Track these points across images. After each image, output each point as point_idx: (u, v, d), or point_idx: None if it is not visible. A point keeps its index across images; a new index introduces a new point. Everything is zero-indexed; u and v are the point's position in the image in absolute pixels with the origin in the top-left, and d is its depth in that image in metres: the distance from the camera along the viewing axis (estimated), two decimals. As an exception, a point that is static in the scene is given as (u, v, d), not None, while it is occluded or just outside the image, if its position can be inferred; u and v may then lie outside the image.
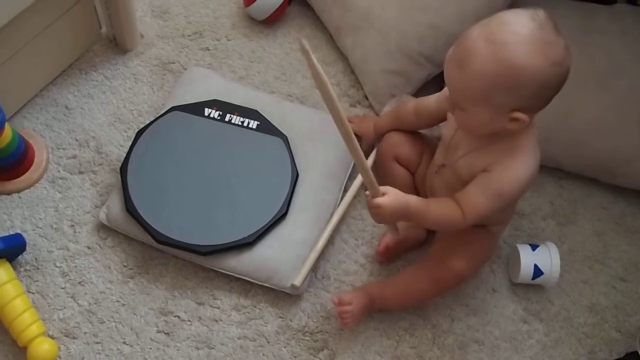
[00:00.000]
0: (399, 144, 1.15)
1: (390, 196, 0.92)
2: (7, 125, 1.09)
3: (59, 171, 1.20)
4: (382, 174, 1.17)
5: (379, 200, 0.92)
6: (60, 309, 1.08)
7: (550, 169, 1.27)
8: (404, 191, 0.95)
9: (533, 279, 1.13)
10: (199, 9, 1.42)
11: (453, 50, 0.88)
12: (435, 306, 1.13)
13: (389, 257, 1.15)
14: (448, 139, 1.04)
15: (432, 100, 1.09)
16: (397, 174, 1.15)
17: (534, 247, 1.14)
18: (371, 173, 0.90)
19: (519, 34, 0.82)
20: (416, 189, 1.17)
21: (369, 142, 1.21)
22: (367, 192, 0.93)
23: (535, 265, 1.12)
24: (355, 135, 0.87)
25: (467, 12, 1.20)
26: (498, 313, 1.14)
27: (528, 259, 1.12)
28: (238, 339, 1.08)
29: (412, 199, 0.95)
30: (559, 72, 0.84)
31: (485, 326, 1.13)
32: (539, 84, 0.84)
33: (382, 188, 0.93)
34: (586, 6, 1.29)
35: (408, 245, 1.16)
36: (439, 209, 0.97)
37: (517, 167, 0.93)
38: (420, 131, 1.18)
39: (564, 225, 1.23)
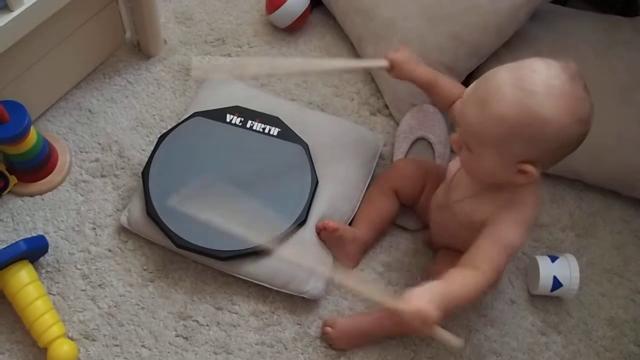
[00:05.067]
0: (405, 179, 1.15)
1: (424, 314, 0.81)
2: (32, 128, 1.10)
3: (81, 174, 1.21)
4: (370, 196, 1.17)
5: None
6: (81, 311, 1.09)
7: (570, 181, 1.27)
8: (377, 225, 0.97)
9: (552, 290, 1.12)
10: (222, 16, 1.43)
11: (474, 88, 0.85)
12: (452, 316, 1.13)
13: (322, 235, 1.12)
14: (450, 176, 1.03)
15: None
16: (384, 206, 1.15)
17: (553, 258, 1.14)
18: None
19: (550, 85, 0.79)
20: (419, 217, 1.18)
21: (399, 70, 1.08)
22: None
23: (555, 277, 1.11)
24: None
25: (489, 22, 1.20)
26: (516, 324, 1.14)
27: (547, 270, 1.12)
28: (256, 344, 1.08)
29: (435, 300, 0.82)
30: (583, 131, 0.81)
31: (503, 337, 1.12)
32: (561, 140, 0.81)
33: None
34: (609, 19, 1.29)
35: (337, 255, 1.14)
36: (461, 289, 0.87)
37: (524, 218, 0.90)
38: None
39: (583, 238, 1.23)
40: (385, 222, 1.15)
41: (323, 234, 1.11)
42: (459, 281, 0.87)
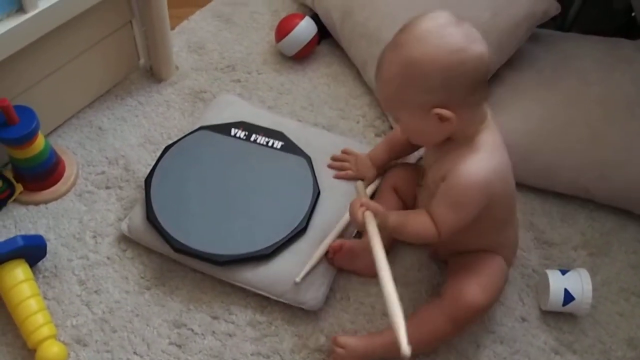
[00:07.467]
0: (399, 178, 1.16)
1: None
2: (40, 135, 1.13)
3: (86, 186, 1.22)
4: (377, 198, 1.17)
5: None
6: (74, 316, 1.06)
7: (581, 201, 1.24)
8: None
9: (564, 305, 1.06)
10: (233, 46, 1.49)
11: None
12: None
13: (336, 262, 1.10)
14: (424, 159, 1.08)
15: None
16: (390, 202, 1.14)
17: (563, 272, 1.09)
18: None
19: (414, 32, 0.87)
20: None
21: (370, 179, 1.19)
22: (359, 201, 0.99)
23: (566, 290, 1.06)
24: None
25: (490, 39, 1.20)
26: (527, 342, 1.07)
27: (558, 283, 1.07)
28: (251, 355, 1.03)
29: (392, 216, 0.97)
30: (461, 58, 0.84)
31: (514, 355, 1.05)
32: (442, 73, 0.85)
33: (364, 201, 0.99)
34: (610, 40, 1.30)
35: (357, 270, 1.12)
36: (415, 224, 0.97)
37: (467, 170, 0.91)
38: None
39: (596, 257, 1.18)
40: None
41: (335, 258, 1.10)
42: (413, 223, 0.97)
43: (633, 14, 1.35)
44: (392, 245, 1.15)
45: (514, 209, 1.05)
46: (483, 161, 0.91)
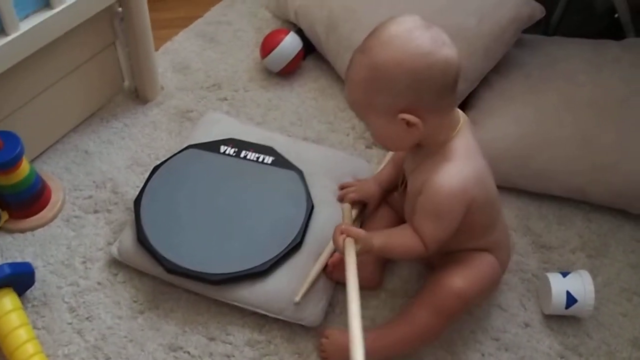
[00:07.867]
0: (390, 180, 1.15)
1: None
2: (24, 160, 1.10)
3: (74, 210, 1.20)
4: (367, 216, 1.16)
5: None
6: (66, 345, 1.03)
7: (576, 203, 1.23)
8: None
9: (566, 307, 1.05)
10: (218, 65, 1.48)
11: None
12: (463, 340, 1.05)
13: (335, 275, 1.08)
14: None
15: None
16: (383, 215, 1.14)
17: (564, 274, 1.08)
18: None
19: (381, 36, 0.86)
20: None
21: (375, 197, 1.14)
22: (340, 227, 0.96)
23: (568, 292, 1.05)
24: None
25: (477, 46, 1.22)
26: (532, 348, 1.05)
27: (559, 286, 1.05)
28: (251, 375, 1.01)
29: (377, 239, 0.95)
30: (428, 62, 0.83)
31: (520, 361, 1.04)
32: (409, 77, 0.83)
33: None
34: (595, 42, 1.31)
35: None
36: (401, 242, 0.96)
37: (442, 180, 0.90)
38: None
39: (595, 258, 1.17)
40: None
41: (334, 272, 1.07)
42: (399, 243, 0.96)
43: (616, 15, 1.36)
44: (388, 261, 1.14)
45: (497, 211, 1.03)
46: (457, 168, 0.90)
